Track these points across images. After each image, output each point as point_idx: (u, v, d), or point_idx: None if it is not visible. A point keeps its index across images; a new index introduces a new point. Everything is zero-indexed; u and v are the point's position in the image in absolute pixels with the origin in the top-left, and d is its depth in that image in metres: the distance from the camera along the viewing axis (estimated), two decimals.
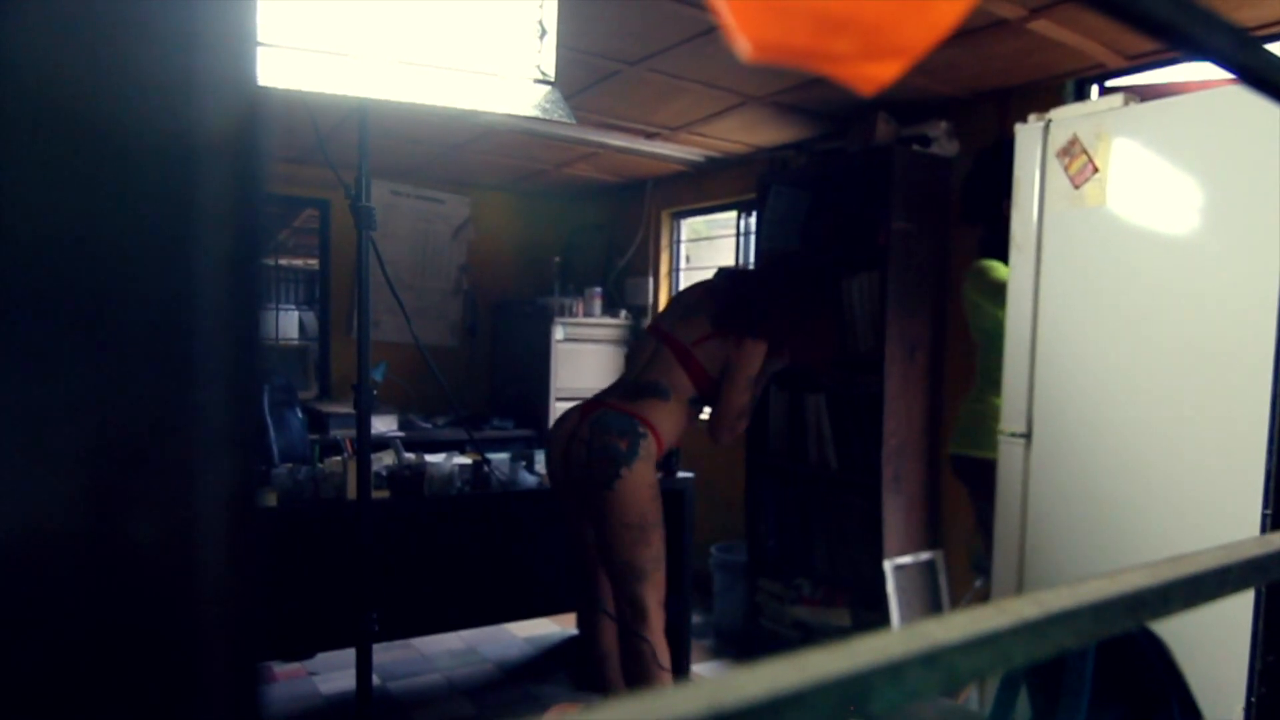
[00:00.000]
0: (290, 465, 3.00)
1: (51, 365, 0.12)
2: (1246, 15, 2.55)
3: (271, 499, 2.78)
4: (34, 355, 0.12)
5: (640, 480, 2.43)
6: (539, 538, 3.26)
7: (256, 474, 0.15)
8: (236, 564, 0.14)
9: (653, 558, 2.46)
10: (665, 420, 2.55)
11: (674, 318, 2.70)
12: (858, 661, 0.24)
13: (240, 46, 0.18)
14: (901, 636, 0.26)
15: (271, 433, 3.83)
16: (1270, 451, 0.56)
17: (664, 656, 2.51)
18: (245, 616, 0.15)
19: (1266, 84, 0.37)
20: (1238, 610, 1.65)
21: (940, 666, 0.25)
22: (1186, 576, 0.33)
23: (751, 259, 4.01)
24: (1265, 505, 0.54)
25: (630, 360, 2.82)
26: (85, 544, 0.12)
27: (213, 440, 0.14)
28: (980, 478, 2.64)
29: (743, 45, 0.23)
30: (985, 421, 2.56)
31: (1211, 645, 1.77)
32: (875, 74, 0.25)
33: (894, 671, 0.24)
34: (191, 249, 0.14)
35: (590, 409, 2.60)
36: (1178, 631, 1.71)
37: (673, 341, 2.62)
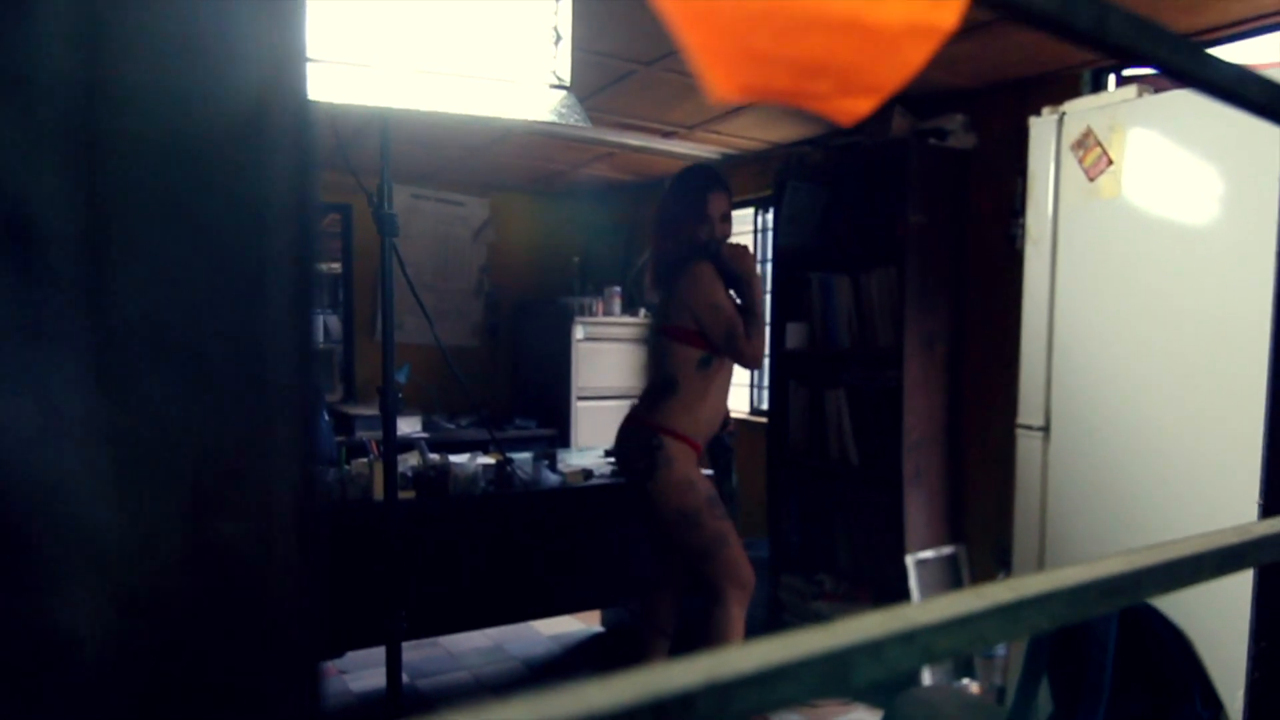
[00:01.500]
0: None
1: (164, 397, 0.15)
2: (1186, 22, 2.56)
3: None
4: (148, 391, 0.15)
5: (666, 484, 2.49)
6: (562, 536, 3.29)
7: (318, 481, 0.18)
8: (306, 557, 0.17)
9: (710, 538, 2.50)
10: (682, 414, 2.56)
11: (657, 309, 2.75)
12: (841, 639, 0.27)
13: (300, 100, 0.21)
14: (881, 618, 0.28)
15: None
16: (1266, 443, 0.58)
17: (735, 638, 2.55)
18: (313, 600, 0.18)
19: (1213, 88, 0.39)
20: None
21: (917, 644, 0.28)
22: (1161, 563, 0.35)
23: (769, 255, 4.02)
24: (1261, 495, 0.56)
25: (649, 362, 2.86)
26: (191, 542, 0.15)
27: (285, 454, 0.17)
28: None
29: (716, 90, 0.26)
30: None
31: (1232, 637, 1.77)
32: (852, 108, 0.28)
33: (874, 648, 0.27)
34: (266, 296, 0.17)
35: (624, 424, 2.71)
36: (1199, 623, 1.72)
37: (662, 328, 2.66)
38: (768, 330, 3.61)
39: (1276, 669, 0.56)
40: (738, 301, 2.60)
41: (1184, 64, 0.36)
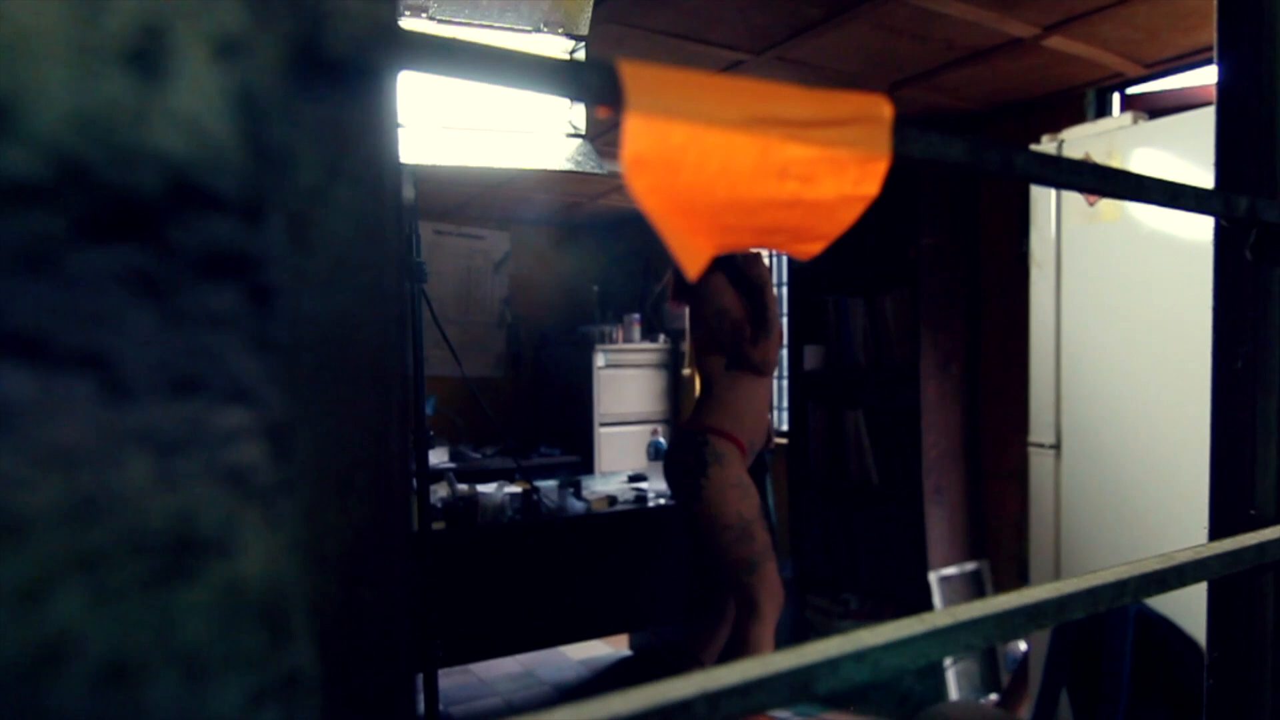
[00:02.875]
0: None
1: (328, 396, 0.23)
2: (1184, 42, 2.62)
3: None
4: (316, 391, 0.23)
5: (722, 484, 2.52)
6: (589, 562, 3.36)
7: (410, 496, 0.27)
8: (406, 558, 0.25)
9: (761, 551, 2.54)
10: (719, 411, 2.62)
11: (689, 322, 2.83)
12: (805, 659, 0.34)
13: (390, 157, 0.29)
14: (839, 641, 0.36)
15: None
16: (1211, 472, 0.65)
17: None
18: (411, 594, 0.26)
19: (1092, 189, 0.47)
20: None
21: (867, 661, 0.35)
22: (1084, 590, 0.42)
23: (786, 279, 4.09)
24: (1210, 520, 0.62)
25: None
26: (320, 542, 0.23)
27: (392, 470, 0.25)
28: None
29: (690, 267, 0.34)
30: None
31: None
32: (806, 250, 0.36)
33: (832, 665, 0.35)
34: (388, 339, 0.25)
35: (672, 438, 2.78)
36: None
37: (692, 339, 2.76)
38: (785, 352, 3.68)
39: (1229, 676, 0.62)
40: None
41: (1085, 182, 0.44)
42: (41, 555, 0.19)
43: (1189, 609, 1.87)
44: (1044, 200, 2.19)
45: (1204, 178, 1.91)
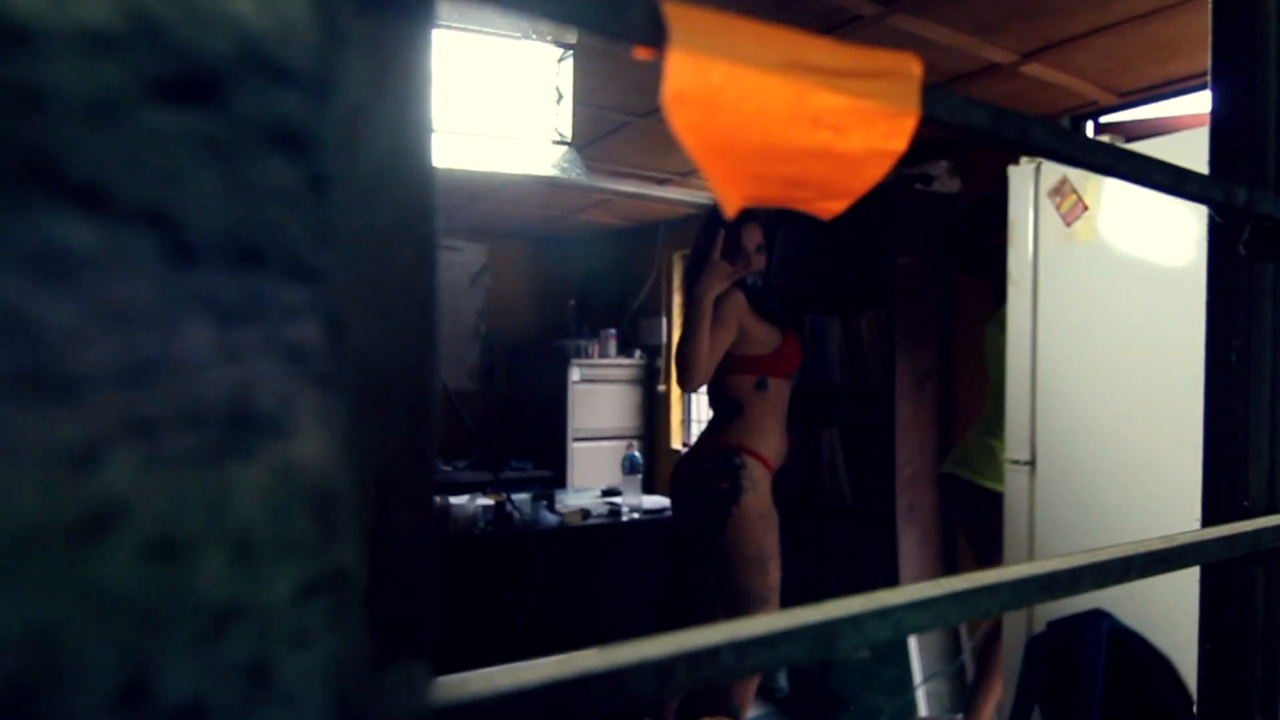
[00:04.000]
0: None
1: (356, 427, 0.22)
2: (1156, 73, 2.70)
3: None
4: (347, 317, 0.22)
5: (752, 514, 2.39)
6: (561, 575, 3.33)
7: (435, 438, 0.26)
8: (436, 548, 0.24)
9: (770, 587, 2.42)
10: (754, 433, 2.49)
11: None
12: (830, 614, 0.34)
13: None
14: (862, 599, 0.36)
15: None
16: (1205, 464, 0.65)
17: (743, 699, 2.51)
18: (437, 582, 0.25)
19: (1100, 169, 0.47)
20: None
21: (890, 619, 0.35)
22: (1094, 563, 0.42)
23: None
24: (1203, 511, 0.63)
25: (710, 394, 2.81)
26: (362, 449, 0.22)
27: (424, 469, 0.24)
28: (971, 506, 2.70)
29: (729, 204, 0.34)
30: (986, 454, 2.62)
31: None
32: (829, 208, 0.36)
33: (855, 621, 0.34)
34: (425, 318, 0.24)
35: (689, 456, 2.61)
36: (1189, 653, 1.77)
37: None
38: None
39: (1222, 668, 0.63)
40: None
41: (1096, 160, 0.45)
42: (95, 416, 0.18)
43: (1159, 625, 1.90)
44: (1022, 220, 2.23)
45: (1172, 204, 1.95)
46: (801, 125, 0.31)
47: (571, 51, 2.06)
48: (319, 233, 0.21)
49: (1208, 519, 0.64)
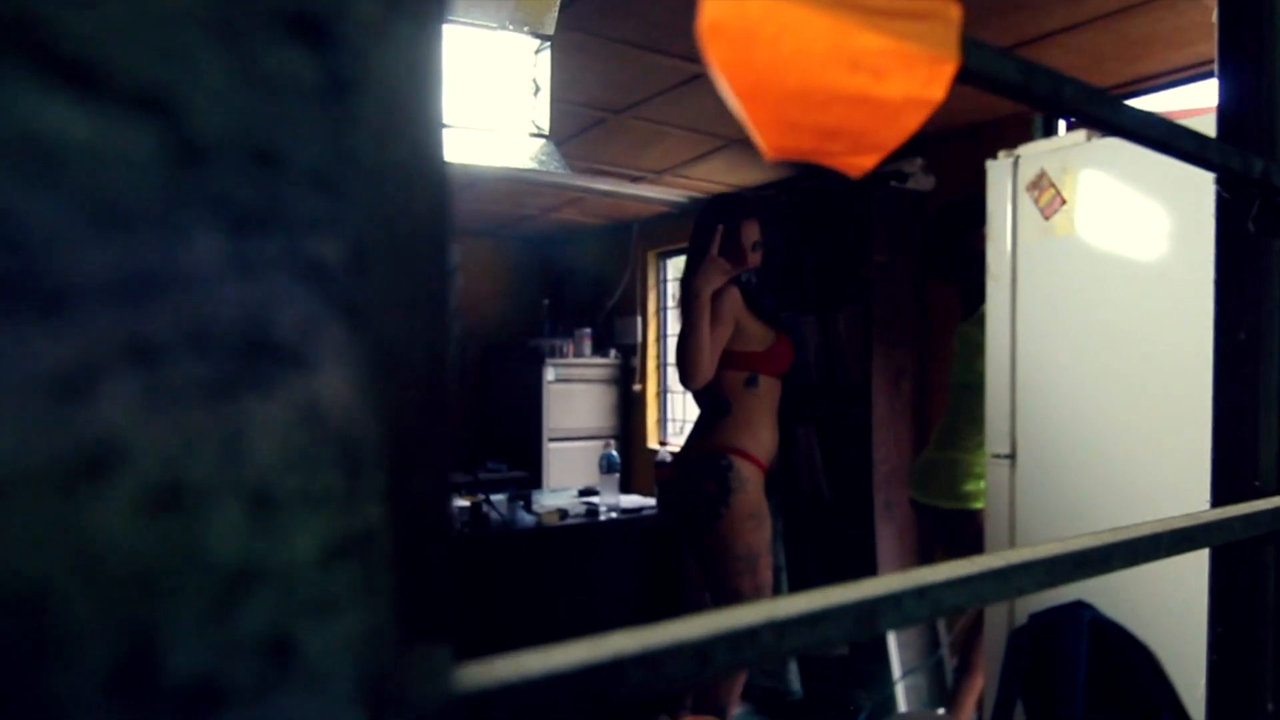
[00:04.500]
0: None
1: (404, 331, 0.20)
2: (1128, 71, 2.74)
3: None
4: (371, 244, 0.19)
5: (740, 515, 2.39)
6: (537, 575, 3.30)
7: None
8: (453, 523, 0.22)
9: (758, 586, 2.41)
10: (742, 431, 2.49)
11: None
12: (869, 593, 0.32)
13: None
14: (900, 578, 0.34)
15: None
16: (1214, 437, 0.65)
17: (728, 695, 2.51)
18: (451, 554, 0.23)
19: (1180, 153, 0.46)
20: None
21: (929, 599, 0.33)
22: (1125, 541, 0.41)
23: None
24: (1212, 492, 0.62)
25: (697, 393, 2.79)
26: (385, 396, 0.19)
27: (445, 432, 0.22)
28: (939, 526, 2.70)
29: (764, 148, 0.32)
30: (948, 469, 2.59)
31: (1201, 658, 1.84)
32: (860, 163, 0.34)
33: (895, 600, 0.32)
34: (443, 308, 0.22)
35: (677, 460, 2.61)
36: (1169, 644, 1.78)
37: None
38: None
39: (1233, 651, 0.62)
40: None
41: (1123, 121, 0.43)
42: (87, 337, 0.15)
43: (1140, 617, 1.90)
44: (1000, 214, 2.23)
45: (1148, 198, 1.96)
46: (840, 67, 0.29)
47: (549, 43, 2.03)
48: (341, 146, 0.18)
49: (1217, 500, 0.63)
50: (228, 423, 0.17)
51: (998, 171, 2.27)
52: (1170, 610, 1.94)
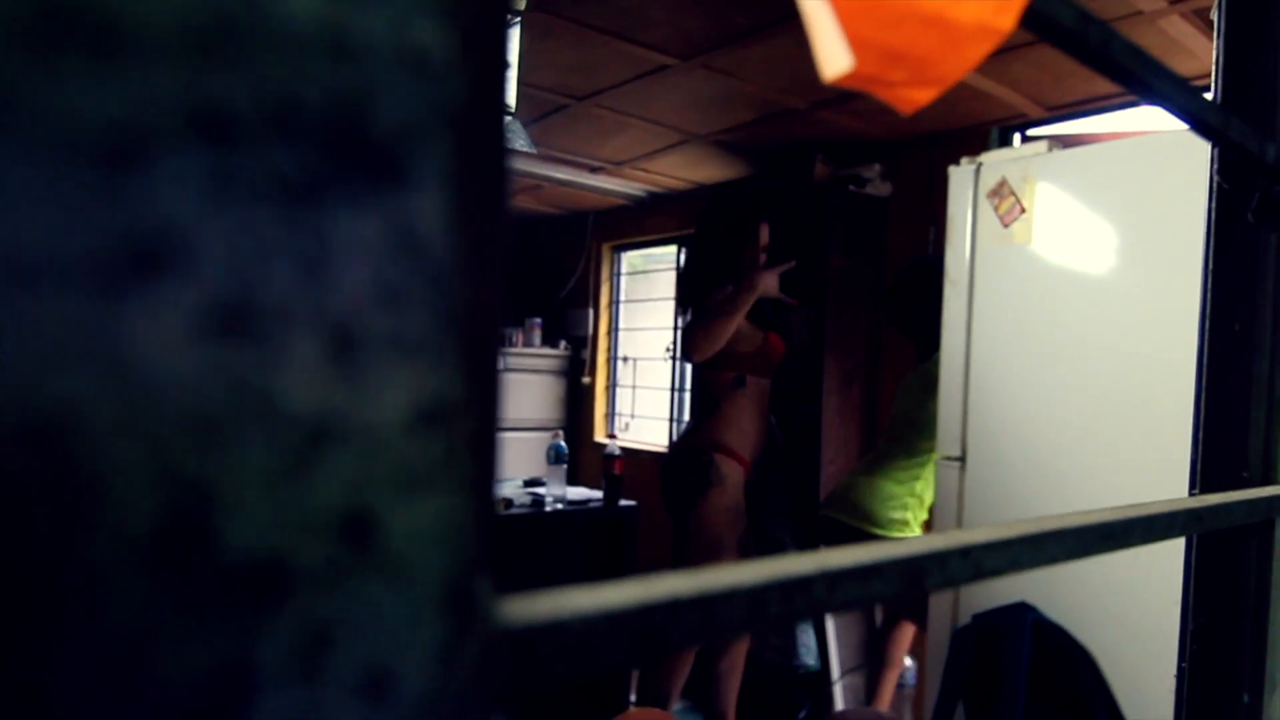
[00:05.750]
0: None
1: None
2: (1084, 88, 2.82)
3: None
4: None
5: (717, 506, 2.51)
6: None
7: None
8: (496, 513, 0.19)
9: None
10: (727, 429, 2.59)
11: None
12: (917, 550, 0.30)
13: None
14: (944, 537, 0.32)
15: None
16: (1195, 427, 0.65)
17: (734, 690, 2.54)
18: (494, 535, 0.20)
19: (1205, 127, 0.45)
20: (1160, 627, 1.76)
21: (971, 559, 0.31)
22: (1143, 517, 0.40)
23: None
24: (1199, 483, 0.62)
25: (692, 392, 2.96)
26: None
27: (494, 329, 0.19)
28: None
29: (823, 69, 0.30)
30: (881, 493, 2.58)
31: (1134, 655, 1.90)
32: (916, 98, 0.32)
33: (940, 559, 0.30)
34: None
35: (668, 456, 2.74)
36: (1105, 645, 1.82)
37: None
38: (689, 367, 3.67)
39: (1212, 642, 0.62)
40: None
41: (1165, 89, 0.42)
42: (143, 95, 0.12)
43: (1080, 619, 1.94)
44: (960, 219, 2.26)
45: (1109, 207, 2.00)
46: None
47: (518, 19, 1.99)
48: None
49: (1201, 491, 0.63)
50: (312, 234, 0.13)
51: (960, 177, 2.29)
52: (1109, 612, 1.99)
